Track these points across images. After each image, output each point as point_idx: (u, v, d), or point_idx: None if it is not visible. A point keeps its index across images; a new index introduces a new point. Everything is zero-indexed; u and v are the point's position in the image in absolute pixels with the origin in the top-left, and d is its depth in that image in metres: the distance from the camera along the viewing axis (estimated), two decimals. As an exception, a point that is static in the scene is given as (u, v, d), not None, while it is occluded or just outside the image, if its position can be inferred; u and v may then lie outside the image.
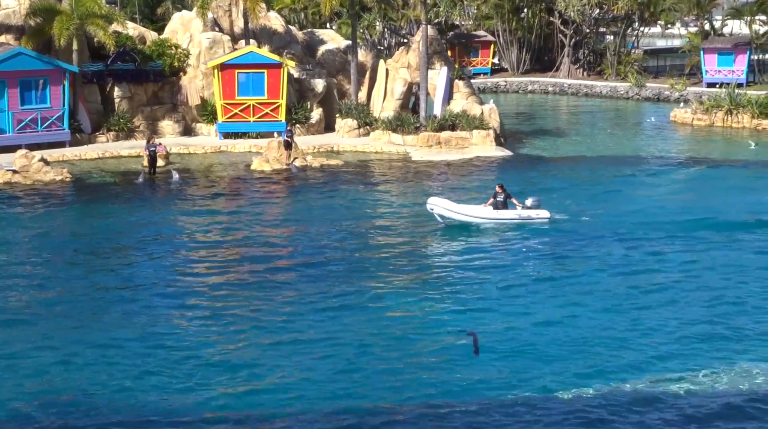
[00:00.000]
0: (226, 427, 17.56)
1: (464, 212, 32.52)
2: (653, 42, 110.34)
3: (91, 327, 22.59)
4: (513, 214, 32.67)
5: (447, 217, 32.40)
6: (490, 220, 32.57)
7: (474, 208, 32.91)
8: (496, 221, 32.56)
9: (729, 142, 53.28)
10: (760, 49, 77.44)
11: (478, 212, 32.68)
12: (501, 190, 32.87)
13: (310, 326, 22.70)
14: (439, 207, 32.42)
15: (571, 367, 20.16)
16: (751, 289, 25.61)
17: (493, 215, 32.60)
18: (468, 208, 32.89)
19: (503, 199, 32.71)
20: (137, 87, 51.51)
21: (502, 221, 32.58)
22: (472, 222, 32.46)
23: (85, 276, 26.97)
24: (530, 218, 32.68)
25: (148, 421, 17.76)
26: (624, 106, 73.05)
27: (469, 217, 32.48)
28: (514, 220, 32.58)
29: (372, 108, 53.55)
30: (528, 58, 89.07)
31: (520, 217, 32.63)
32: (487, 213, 32.65)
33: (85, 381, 19.46)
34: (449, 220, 32.39)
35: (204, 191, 39.37)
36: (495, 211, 32.61)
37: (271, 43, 54.52)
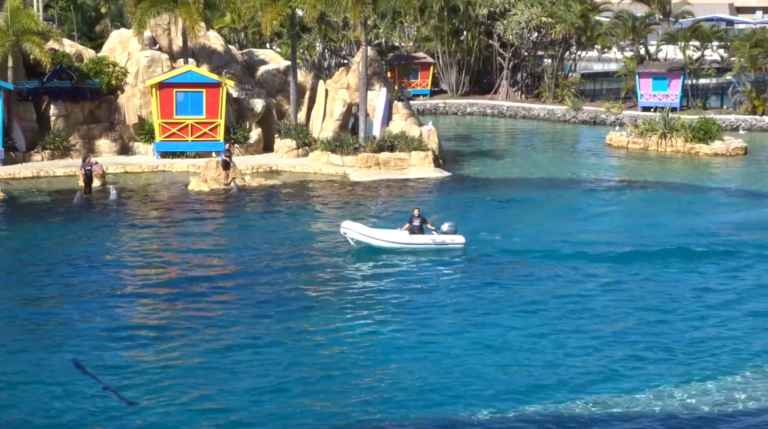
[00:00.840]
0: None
1: (378, 237, 31.97)
2: (590, 66, 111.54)
3: (20, 346, 22.31)
4: (427, 240, 32.12)
5: (360, 242, 31.86)
6: (404, 245, 31.97)
7: (388, 233, 32.32)
8: (410, 246, 31.99)
9: (662, 166, 54.07)
10: (693, 74, 78.73)
11: (393, 237, 32.07)
12: (418, 214, 32.30)
13: (239, 346, 22.74)
14: (352, 231, 31.90)
15: (494, 387, 20.45)
16: (675, 310, 26.13)
17: (407, 240, 31.98)
18: (382, 232, 32.35)
19: (419, 223, 32.13)
20: (74, 105, 51.01)
21: (417, 246, 32.04)
22: (386, 247, 31.87)
23: (17, 296, 26.63)
24: (444, 244, 32.16)
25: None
26: (561, 129, 73.82)
27: (383, 241, 31.89)
28: (429, 246, 32.09)
29: (311, 128, 53.58)
30: (467, 81, 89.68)
31: (434, 242, 32.10)
32: (401, 238, 32.02)
33: (13, 401, 19.23)
34: (363, 245, 31.84)
35: (141, 211, 39.09)
36: (410, 236, 31.97)
37: (210, 63, 54.36)
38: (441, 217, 34.90)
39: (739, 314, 25.91)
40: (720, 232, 35.88)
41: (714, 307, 26.51)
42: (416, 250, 31.90)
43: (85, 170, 42.49)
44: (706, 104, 77.89)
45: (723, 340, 23.75)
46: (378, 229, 32.64)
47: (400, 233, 32.13)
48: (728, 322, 25.17)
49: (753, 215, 39.65)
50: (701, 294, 27.71)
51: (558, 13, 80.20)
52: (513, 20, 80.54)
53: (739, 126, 70.39)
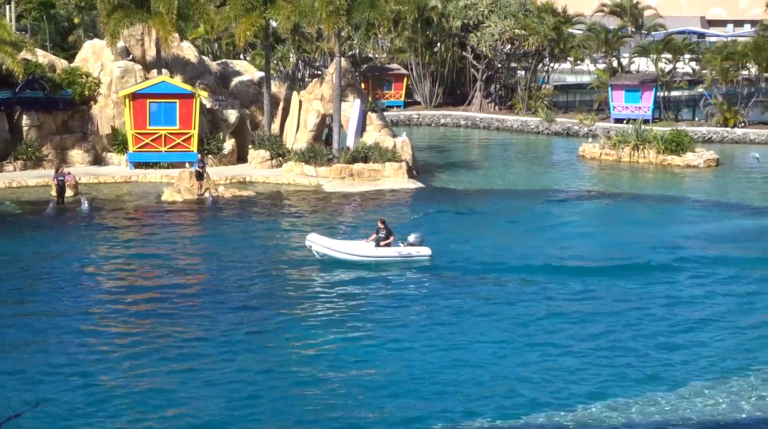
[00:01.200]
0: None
1: (342, 250, 31.54)
2: (563, 78, 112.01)
3: None
4: (393, 252, 31.72)
5: (325, 255, 31.47)
6: (369, 258, 31.54)
7: (353, 245, 31.93)
8: (375, 259, 31.58)
9: (635, 177, 54.39)
10: (665, 86, 79.31)
11: (357, 249, 31.64)
12: (383, 225, 32.00)
13: (211, 355, 22.80)
14: (317, 244, 31.49)
15: (465, 402, 20.46)
16: (643, 321, 26.30)
17: (372, 253, 31.56)
18: (347, 244, 31.97)
19: (385, 235, 31.80)
20: (46, 115, 50.76)
21: (382, 259, 31.63)
22: (350, 260, 31.45)
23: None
24: (410, 256, 31.78)
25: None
26: (534, 140, 74.11)
27: (347, 254, 31.46)
28: (394, 258, 31.70)
29: (285, 139, 53.58)
30: (441, 92, 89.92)
31: (400, 254, 31.71)
32: (366, 250, 31.59)
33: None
34: (328, 258, 31.45)
35: (113, 222, 38.93)
36: (374, 249, 31.54)
37: (183, 73, 54.28)
38: (412, 228, 34.91)
39: (708, 324, 26.10)
40: (691, 244, 36.12)
41: (684, 318, 26.73)
42: (382, 263, 31.51)
43: (58, 181, 42.33)
44: (678, 116, 78.45)
45: (693, 350, 23.93)
46: (343, 242, 32.28)
47: (365, 245, 31.75)
48: (697, 332, 25.38)
49: (724, 227, 39.93)
50: (671, 305, 27.88)
51: (531, 26, 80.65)
52: (486, 32, 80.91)
53: (711, 138, 70.93)
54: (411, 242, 31.96)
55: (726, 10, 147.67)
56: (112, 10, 50.90)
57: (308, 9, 49.91)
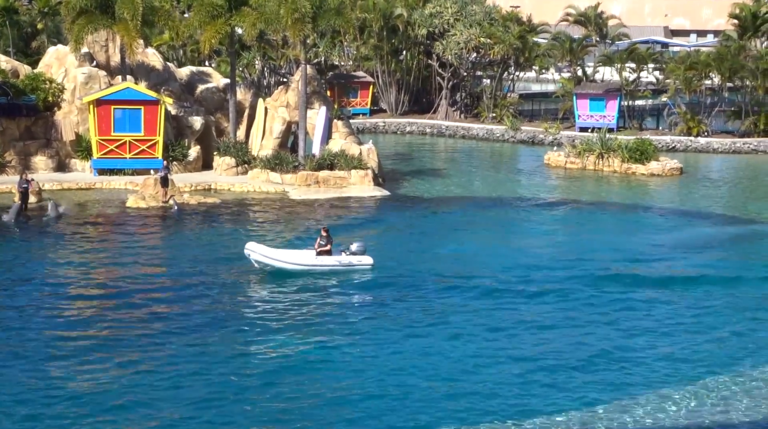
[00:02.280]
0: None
1: (282, 259, 31.05)
2: (528, 86, 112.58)
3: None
4: (333, 261, 31.33)
5: (264, 264, 30.94)
6: (309, 267, 31.13)
7: (292, 254, 31.48)
8: (315, 268, 31.18)
9: (599, 185, 54.69)
10: (630, 95, 79.80)
11: (296, 258, 31.19)
12: (326, 233, 31.62)
13: (168, 362, 22.71)
14: (256, 253, 30.92)
15: (432, 411, 20.48)
16: (606, 328, 26.42)
17: (312, 262, 31.15)
18: (286, 253, 31.47)
19: (326, 243, 31.37)
20: (9, 121, 50.31)
21: (322, 267, 31.22)
22: (289, 269, 30.99)
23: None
24: (351, 265, 31.41)
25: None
26: (500, 149, 74.33)
27: (286, 263, 31.01)
28: (335, 267, 31.30)
29: (250, 146, 53.43)
30: (406, 100, 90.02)
31: (340, 263, 31.33)
32: (305, 259, 31.14)
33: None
34: (268, 267, 30.93)
35: (77, 228, 38.62)
36: (315, 258, 31.12)
37: (148, 80, 54.02)
38: (374, 237, 34.95)
39: (671, 331, 26.28)
40: (654, 252, 36.39)
41: (642, 324, 26.90)
42: (323, 272, 31.09)
43: (22, 188, 41.96)
44: (642, 125, 78.97)
45: (653, 355, 24.08)
46: (282, 251, 31.75)
47: (304, 254, 31.30)
48: (660, 338, 25.53)
49: (687, 235, 40.23)
50: (633, 312, 28.05)
51: (496, 34, 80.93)
52: (452, 40, 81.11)
53: (674, 147, 71.47)
54: (353, 251, 31.54)
55: (689, 20, 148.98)
56: (76, 15, 50.53)
57: (273, 16, 49.80)
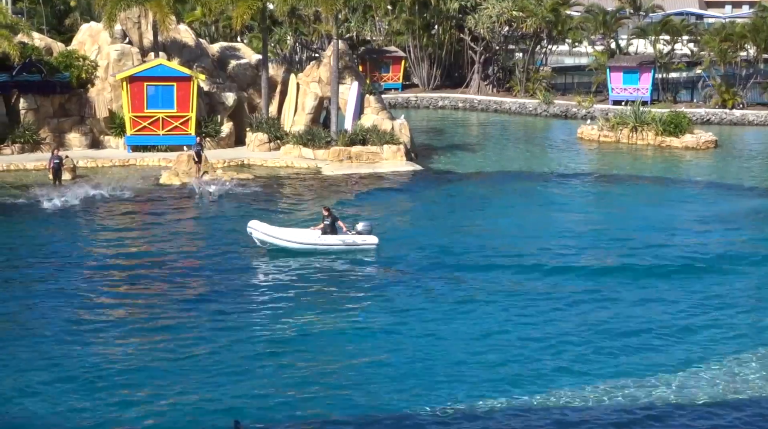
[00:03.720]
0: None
1: (284, 237, 30.64)
2: (561, 60, 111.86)
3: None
4: (337, 240, 30.85)
5: (267, 243, 30.61)
6: (312, 246, 30.70)
7: (296, 233, 31.06)
8: (318, 247, 30.72)
9: (633, 159, 54.36)
10: (664, 68, 79.16)
11: (300, 237, 30.79)
12: (328, 213, 31.05)
13: (203, 341, 22.75)
14: (258, 231, 30.57)
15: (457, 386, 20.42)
16: (637, 303, 26.22)
17: (314, 241, 30.70)
18: (289, 232, 31.05)
19: (330, 222, 30.86)
20: (44, 99, 50.64)
21: (326, 247, 30.76)
22: (293, 248, 30.60)
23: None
24: (356, 244, 30.91)
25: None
26: (532, 123, 74.01)
27: (289, 242, 30.61)
28: (339, 247, 30.85)
29: (283, 122, 53.49)
30: (438, 74, 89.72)
31: (344, 243, 30.83)
32: (308, 238, 30.72)
33: None
34: (270, 246, 30.59)
35: (111, 205, 38.81)
36: (318, 237, 30.63)
37: (181, 56, 54.12)
38: (400, 211, 34.71)
39: (706, 308, 26.06)
40: (688, 225, 36.13)
41: (681, 303, 26.67)
42: (327, 252, 30.68)
43: (53, 163, 42.27)
44: (676, 98, 78.39)
45: (685, 334, 23.94)
46: (285, 229, 31.35)
47: (309, 233, 30.95)
48: (691, 317, 25.36)
49: (723, 208, 39.93)
50: (666, 289, 27.77)
51: (529, 7, 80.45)
52: (484, 14, 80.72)
53: (709, 119, 70.86)
54: (359, 231, 31.09)
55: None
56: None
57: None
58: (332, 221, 30.91)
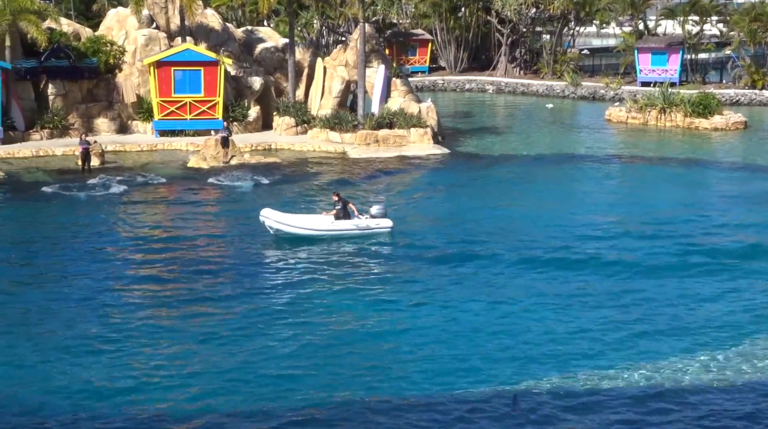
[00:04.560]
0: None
1: (297, 224, 30.40)
2: (589, 41, 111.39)
3: (22, 330, 22.33)
4: (350, 225, 30.55)
5: (279, 230, 30.39)
6: (325, 232, 30.41)
7: (308, 219, 30.75)
8: (331, 233, 30.43)
9: (662, 141, 54.05)
10: (692, 48, 78.58)
11: (312, 224, 30.52)
12: (338, 198, 30.76)
13: (230, 325, 22.80)
14: (270, 219, 30.36)
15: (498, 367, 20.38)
16: (665, 285, 26.01)
17: (327, 227, 30.42)
18: (301, 218, 30.77)
19: (342, 207, 30.56)
20: (72, 84, 50.94)
21: (339, 232, 30.47)
22: (305, 235, 30.31)
23: (20, 277, 26.67)
24: (369, 228, 30.60)
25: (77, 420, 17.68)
26: (560, 105, 73.72)
27: (302, 229, 30.38)
28: (352, 232, 30.55)
29: (310, 106, 53.53)
30: (465, 57, 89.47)
31: (358, 227, 30.57)
32: (321, 224, 30.44)
33: (33, 384, 19.28)
34: (282, 233, 30.37)
35: (139, 190, 39.00)
36: (330, 222, 30.36)
37: (208, 41, 54.23)
38: (434, 195, 34.42)
39: (735, 291, 25.88)
40: (719, 207, 35.85)
41: (708, 286, 26.48)
42: (340, 237, 30.43)
43: (82, 148, 42.52)
44: (705, 79, 77.83)
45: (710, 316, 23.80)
46: (297, 216, 31.05)
47: (321, 219, 30.65)
48: (718, 302, 25.19)
49: (751, 189, 39.63)
50: (696, 270, 27.58)
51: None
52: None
53: (738, 100, 70.31)
54: (373, 214, 30.84)
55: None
56: (135, -22, 50.88)
57: (332, -26, 49.68)
58: (343, 205, 30.68)
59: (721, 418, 17.97)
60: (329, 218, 30.66)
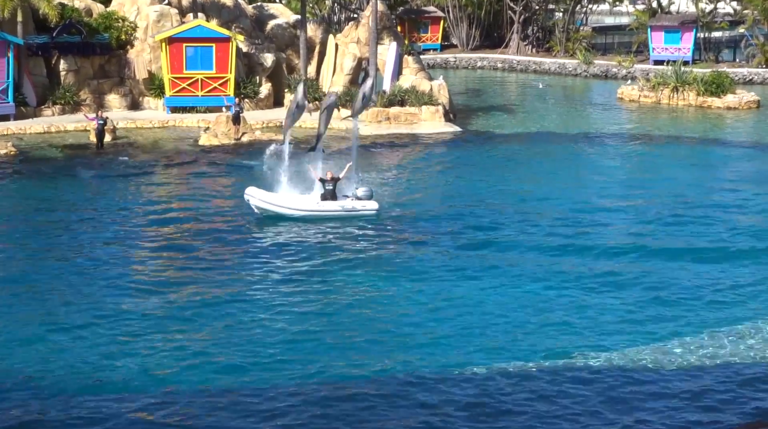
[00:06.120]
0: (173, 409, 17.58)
1: (282, 204, 30.19)
2: (601, 19, 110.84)
3: (39, 306, 22.37)
4: (336, 206, 30.34)
5: (264, 209, 30.14)
6: (311, 213, 30.17)
7: (294, 199, 30.52)
8: (317, 213, 30.22)
9: (674, 119, 53.88)
10: (706, 27, 78.20)
11: (298, 204, 30.28)
12: (331, 178, 30.30)
13: (245, 301, 22.77)
14: (255, 198, 30.08)
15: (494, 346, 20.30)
16: (674, 267, 25.85)
17: (313, 207, 30.22)
18: (287, 198, 30.50)
19: (333, 187, 30.22)
20: (83, 60, 50.88)
21: (325, 213, 30.26)
22: (291, 214, 30.07)
23: (32, 253, 26.73)
24: (355, 210, 30.37)
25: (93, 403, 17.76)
26: (572, 83, 73.52)
27: (286, 209, 30.13)
28: (338, 213, 30.33)
29: (321, 83, 53.44)
30: (477, 35, 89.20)
31: (344, 208, 30.33)
32: (307, 204, 30.22)
33: (39, 362, 19.30)
34: (267, 212, 30.14)
35: (150, 166, 39.03)
36: (317, 203, 30.17)
37: (219, 17, 54.10)
38: (444, 173, 34.21)
39: (742, 271, 25.67)
40: (732, 186, 35.73)
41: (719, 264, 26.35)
42: (326, 217, 30.23)
43: (98, 125, 42.54)
44: (718, 58, 77.49)
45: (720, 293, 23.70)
46: (283, 196, 30.72)
47: (306, 199, 30.50)
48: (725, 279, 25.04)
49: (764, 168, 39.53)
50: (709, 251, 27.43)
51: (569, -34, 79.65)
52: (524, -27, 80.00)
53: (752, 79, 69.99)
54: (359, 196, 30.59)
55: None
56: (147, -47, 50.74)
57: (344, -49, 49.48)
58: (334, 185, 30.38)
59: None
60: (315, 198, 30.48)
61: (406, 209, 31.27)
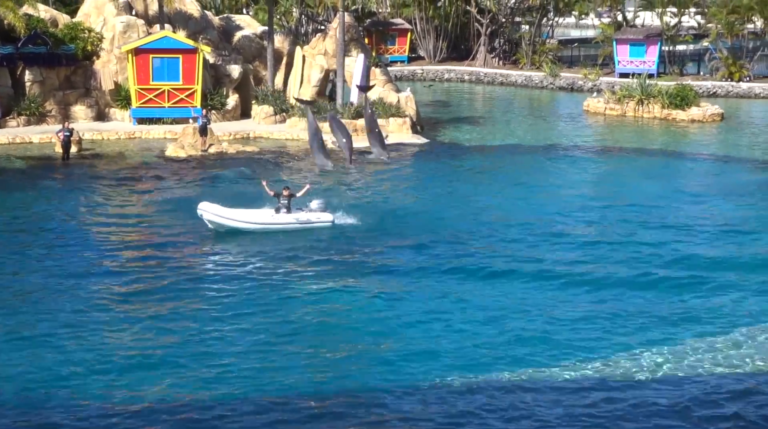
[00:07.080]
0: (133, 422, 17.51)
1: (236, 218, 29.95)
2: (567, 32, 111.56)
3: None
4: (291, 219, 30.29)
5: (218, 224, 29.88)
6: (266, 226, 30.14)
7: (248, 214, 30.31)
8: (271, 226, 30.16)
9: (639, 132, 54.27)
10: (670, 40, 78.89)
11: (252, 217, 30.16)
12: (287, 192, 30.37)
13: (211, 315, 22.72)
14: (209, 213, 29.81)
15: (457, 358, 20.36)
16: (637, 277, 26.03)
17: (267, 220, 30.18)
18: (241, 213, 30.24)
19: (288, 202, 30.25)
20: (49, 71, 50.58)
21: (280, 226, 30.22)
22: (246, 229, 29.95)
23: None
24: (310, 222, 30.39)
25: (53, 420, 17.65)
26: (538, 95, 73.89)
27: (240, 223, 29.96)
28: (293, 225, 30.27)
29: (288, 95, 53.43)
30: (444, 47, 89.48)
31: (298, 220, 30.32)
32: (261, 218, 30.15)
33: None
34: (221, 227, 29.88)
35: (116, 178, 38.81)
36: (271, 216, 30.09)
37: (186, 28, 54.01)
38: (405, 185, 34.30)
39: (706, 282, 25.90)
40: (691, 199, 35.95)
41: (684, 275, 26.55)
42: (281, 230, 30.20)
43: (63, 136, 42.29)
44: (683, 71, 78.17)
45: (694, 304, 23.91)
46: (237, 210, 30.42)
47: (260, 213, 30.39)
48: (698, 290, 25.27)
49: (727, 180, 39.88)
50: (674, 258, 27.71)
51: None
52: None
53: (716, 92, 70.66)
54: (313, 209, 30.67)
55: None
56: (113, -36, 50.57)
57: (311, -37, 49.57)
58: (289, 201, 30.37)
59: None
60: (269, 212, 30.37)
61: (369, 221, 31.22)
